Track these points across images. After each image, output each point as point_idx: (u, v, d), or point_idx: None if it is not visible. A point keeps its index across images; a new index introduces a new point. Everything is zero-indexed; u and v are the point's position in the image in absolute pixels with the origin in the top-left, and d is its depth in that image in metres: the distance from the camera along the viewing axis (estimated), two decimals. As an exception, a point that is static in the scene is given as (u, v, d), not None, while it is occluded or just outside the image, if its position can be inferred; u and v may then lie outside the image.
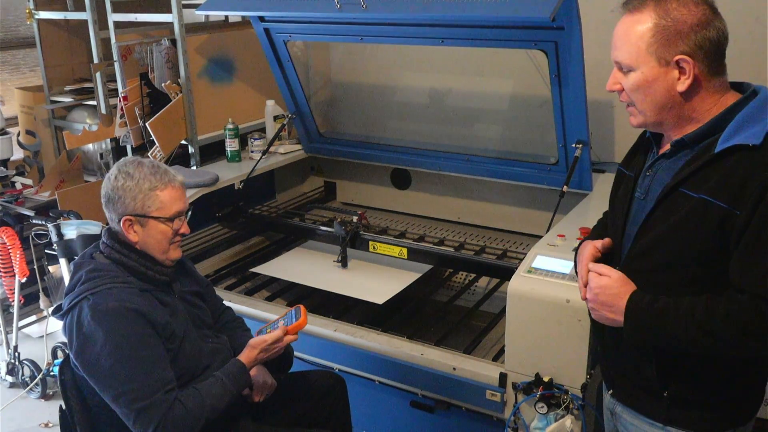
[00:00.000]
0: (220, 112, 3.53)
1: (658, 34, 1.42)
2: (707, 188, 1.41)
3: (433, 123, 3.51)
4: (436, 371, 2.33)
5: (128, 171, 1.89)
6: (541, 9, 2.27)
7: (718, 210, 1.39)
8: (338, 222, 3.05)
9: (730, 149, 1.40)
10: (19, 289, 3.39)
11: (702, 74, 1.44)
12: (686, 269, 1.47)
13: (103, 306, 1.78)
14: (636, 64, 1.46)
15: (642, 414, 1.64)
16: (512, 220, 3.37)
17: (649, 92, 1.47)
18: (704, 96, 1.46)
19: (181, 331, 1.92)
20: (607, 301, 1.54)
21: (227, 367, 1.94)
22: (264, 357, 2.00)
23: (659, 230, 1.49)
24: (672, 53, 1.42)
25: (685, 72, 1.43)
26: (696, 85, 1.44)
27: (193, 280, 2.16)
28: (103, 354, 1.76)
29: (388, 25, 2.86)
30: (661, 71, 1.44)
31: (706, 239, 1.42)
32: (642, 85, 1.47)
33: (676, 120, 1.50)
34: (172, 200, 1.92)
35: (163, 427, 1.76)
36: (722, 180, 1.40)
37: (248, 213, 3.37)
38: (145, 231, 1.91)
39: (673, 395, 1.56)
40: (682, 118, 1.49)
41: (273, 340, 1.99)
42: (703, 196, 1.41)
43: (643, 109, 1.50)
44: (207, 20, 4.26)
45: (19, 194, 3.67)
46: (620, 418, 1.72)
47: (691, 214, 1.43)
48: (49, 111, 4.21)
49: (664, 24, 1.41)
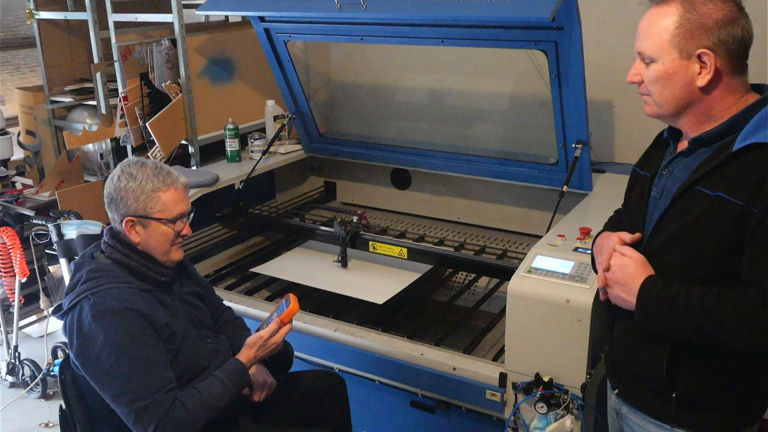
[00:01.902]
0: (220, 112, 3.53)
1: (683, 27, 1.42)
2: (725, 186, 1.40)
3: (433, 123, 3.51)
4: (436, 371, 2.33)
5: (131, 172, 1.90)
6: (541, 9, 2.27)
7: (735, 208, 1.39)
8: (338, 222, 3.04)
9: (748, 147, 1.39)
10: (19, 289, 3.39)
11: (723, 71, 1.43)
12: (701, 267, 1.46)
13: (104, 306, 1.78)
14: (658, 55, 1.46)
15: (649, 415, 1.63)
16: (512, 220, 3.37)
17: (669, 84, 1.47)
18: (724, 94, 1.46)
19: (181, 332, 1.92)
20: (622, 280, 1.54)
21: (226, 367, 1.94)
22: (262, 354, 1.99)
23: (674, 228, 1.49)
24: (694, 46, 1.42)
25: (706, 66, 1.42)
26: (716, 81, 1.44)
27: (192, 280, 2.16)
28: (103, 354, 1.76)
29: (388, 25, 2.86)
30: (682, 64, 1.44)
31: (721, 237, 1.41)
32: (662, 76, 1.47)
33: (694, 116, 1.49)
34: (174, 202, 1.92)
35: (163, 427, 1.76)
36: (739, 178, 1.39)
37: (248, 213, 3.37)
38: (146, 232, 1.91)
39: (681, 396, 1.55)
40: (699, 115, 1.49)
41: (269, 334, 1.98)
42: (720, 194, 1.40)
43: (660, 101, 1.50)
44: (207, 20, 4.26)
45: (20, 194, 3.68)
46: (626, 418, 1.71)
47: (708, 212, 1.42)
48: (49, 111, 4.21)
49: (689, 17, 1.42)
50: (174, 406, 1.78)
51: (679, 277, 1.48)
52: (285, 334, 2.02)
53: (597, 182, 2.90)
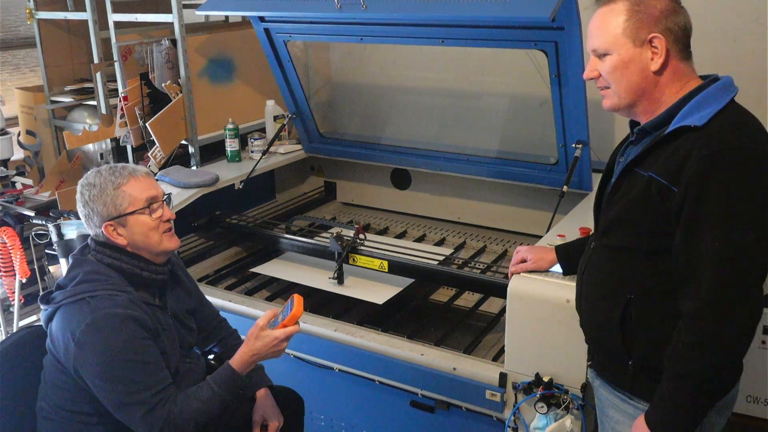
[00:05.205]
0: (220, 112, 3.53)
1: (633, 19, 1.55)
2: (655, 167, 1.53)
3: (433, 123, 3.51)
4: (436, 371, 2.33)
5: (90, 182, 1.90)
6: (541, 9, 2.28)
7: (659, 186, 1.50)
8: (335, 237, 2.81)
9: (679, 131, 1.51)
10: (19, 288, 3.39)
11: (672, 55, 1.55)
12: (644, 244, 1.56)
13: (103, 312, 1.77)
14: (613, 47, 1.57)
15: (611, 384, 1.72)
16: (512, 220, 3.37)
17: (626, 73, 1.57)
18: (673, 78, 1.57)
19: (170, 349, 1.92)
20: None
21: (217, 372, 1.92)
22: (262, 347, 1.90)
23: (617, 208, 1.62)
24: (646, 33, 1.54)
25: (658, 51, 1.54)
26: (666, 65, 1.56)
27: (186, 293, 2.14)
28: (103, 361, 1.76)
29: (388, 25, 2.86)
30: (636, 51, 1.55)
31: (652, 214, 1.52)
32: (619, 66, 1.57)
33: (648, 103, 1.60)
34: (139, 190, 1.90)
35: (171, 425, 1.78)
36: (668, 158, 1.51)
37: (225, 222, 3.25)
38: (128, 230, 1.90)
39: (636, 363, 1.62)
40: (652, 102, 1.60)
41: (265, 322, 1.92)
42: (651, 173, 1.52)
43: (618, 91, 1.60)
44: (207, 20, 4.26)
45: (20, 194, 3.68)
46: (598, 391, 1.81)
47: (641, 192, 1.54)
48: (50, 111, 4.20)
49: (637, 10, 1.55)
50: (174, 403, 1.81)
51: (629, 254, 1.60)
52: (290, 335, 1.92)
53: (597, 182, 2.89)
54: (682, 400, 1.51)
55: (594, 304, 1.71)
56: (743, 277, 1.44)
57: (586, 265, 1.76)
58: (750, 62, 2.79)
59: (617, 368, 1.68)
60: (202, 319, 2.21)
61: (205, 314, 2.23)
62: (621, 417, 1.70)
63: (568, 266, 2.04)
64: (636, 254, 1.59)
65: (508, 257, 2.84)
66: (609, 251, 1.66)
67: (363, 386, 2.52)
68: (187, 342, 2.07)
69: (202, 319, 2.21)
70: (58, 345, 1.83)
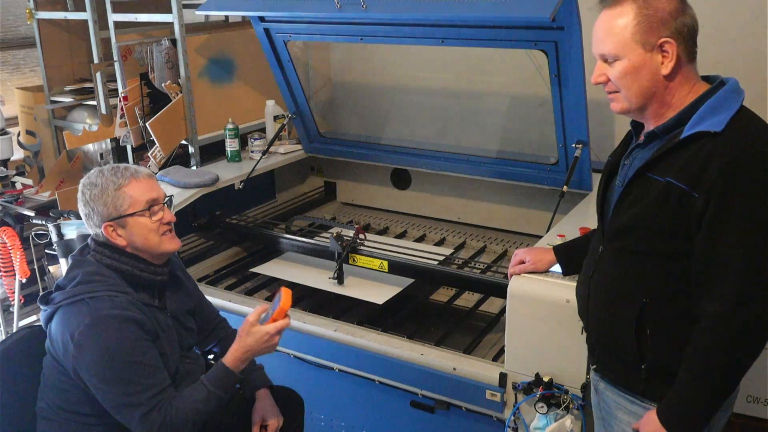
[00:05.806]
0: (220, 112, 3.53)
1: (642, 23, 1.52)
2: (673, 172, 1.51)
3: (433, 123, 3.51)
4: (436, 371, 2.33)
5: (92, 182, 1.90)
6: (541, 9, 2.27)
7: (679, 191, 1.48)
8: (334, 237, 2.82)
9: (695, 136, 1.49)
10: (19, 289, 3.39)
11: (682, 58, 1.54)
12: (661, 248, 1.55)
13: (103, 313, 1.77)
14: (623, 52, 1.54)
15: (622, 388, 1.70)
16: (512, 220, 3.36)
17: (637, 78, 1.55)
18: (682, 81, 1.56)
19: (169, 351, 1.92)
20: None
21: (211, 371, 1.92)
22: (254, 343, 1.88)
23: (630, 214, 1.59)
24: (656, 38, 1.52)
25: (668, 55, 1.52)
26: (677, 68, 1.54)
27: (186, 294, 2.14)
28: (102, 362, 1.76)
29: (388, 25, 2.86)
30: (646, 56, 1.53)
31: (670, 219, 1.51)
32: (630, 71, 1.55)
33: (657, 106, 1.58)
34: (140, 192, 1.90)
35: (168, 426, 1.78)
36: (686, 164, 1.49)
37: (225, 222, 3.24)
38: (128, 231, 1.90)
39: (650, 367, 1.61)
40: (662, 105, 1.58)
41: (255, 318, 1.90)
42: (669, 179, 1.51)
43: (629, 96, 1.59)
44: (207, 20, 4.25)
45: (20, 194, 3.67)
46: (603, 394, 1.78)
47: (659, 197, 1.52)
48: (49, 111, 4.20)
49: (645, 13, 1.52)
50: (172, 404, 1.80)
51: (639, 258, 1.59)
52: (281, 329, 1.89)
53: (597, 182, 2.89)
54: (700, 397, 1.52)
55: (605, 307, 1.69)
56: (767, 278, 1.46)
57: (594, 270, 1.73)
58: (750, 62, 2.79)
59: (628, 371, 1.66)
60: (202, 319, 2.21)
61: (204, 314, 2.23)
62: (631, 419, 1.68)
63: (568, 266, 2.03)
64: (651, 258, 1.57)
65: (508, 257, 2.84)
66: (622, 255, 1.64)
67: (363, 386, 2.52)
68: (186, 343, 2.07)
69: (201, 319, 2.20)
70: (58, 346, 1.82)
